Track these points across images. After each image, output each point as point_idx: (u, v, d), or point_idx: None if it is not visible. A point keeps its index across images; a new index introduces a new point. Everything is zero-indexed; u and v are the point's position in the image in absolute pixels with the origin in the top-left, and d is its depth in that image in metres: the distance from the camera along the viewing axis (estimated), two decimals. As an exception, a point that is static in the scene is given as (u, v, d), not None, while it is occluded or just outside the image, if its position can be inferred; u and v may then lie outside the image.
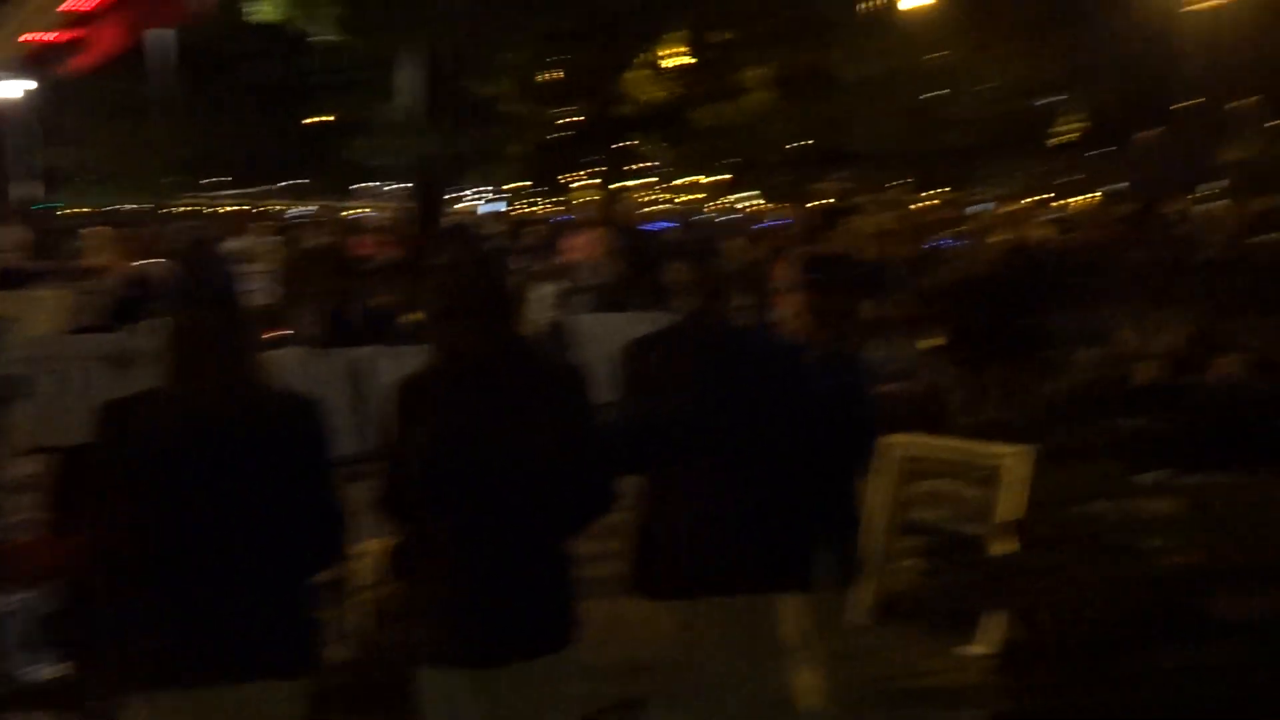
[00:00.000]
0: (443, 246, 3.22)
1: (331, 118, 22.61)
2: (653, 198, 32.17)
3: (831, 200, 15.05)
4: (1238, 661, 3.14)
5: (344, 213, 25.71)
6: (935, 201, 14.07)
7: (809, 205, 15.83)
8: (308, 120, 22.99)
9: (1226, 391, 8.72)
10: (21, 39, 16.16)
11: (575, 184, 26.91)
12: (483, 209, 30.31)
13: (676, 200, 30.59)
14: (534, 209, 32.54)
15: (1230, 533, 3.80)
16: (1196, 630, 3.28)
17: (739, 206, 29.06)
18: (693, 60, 19.25)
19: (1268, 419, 8.32)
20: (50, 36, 16.03)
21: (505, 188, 32.69)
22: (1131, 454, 8.53)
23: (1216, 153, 13.39)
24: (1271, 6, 14.02)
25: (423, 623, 3.12)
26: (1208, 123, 14.29)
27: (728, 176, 26.89)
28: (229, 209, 29.15)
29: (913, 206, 13.46)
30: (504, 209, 33.28)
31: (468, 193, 29.74)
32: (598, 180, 22.28)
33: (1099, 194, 19.51)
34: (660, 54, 19.25)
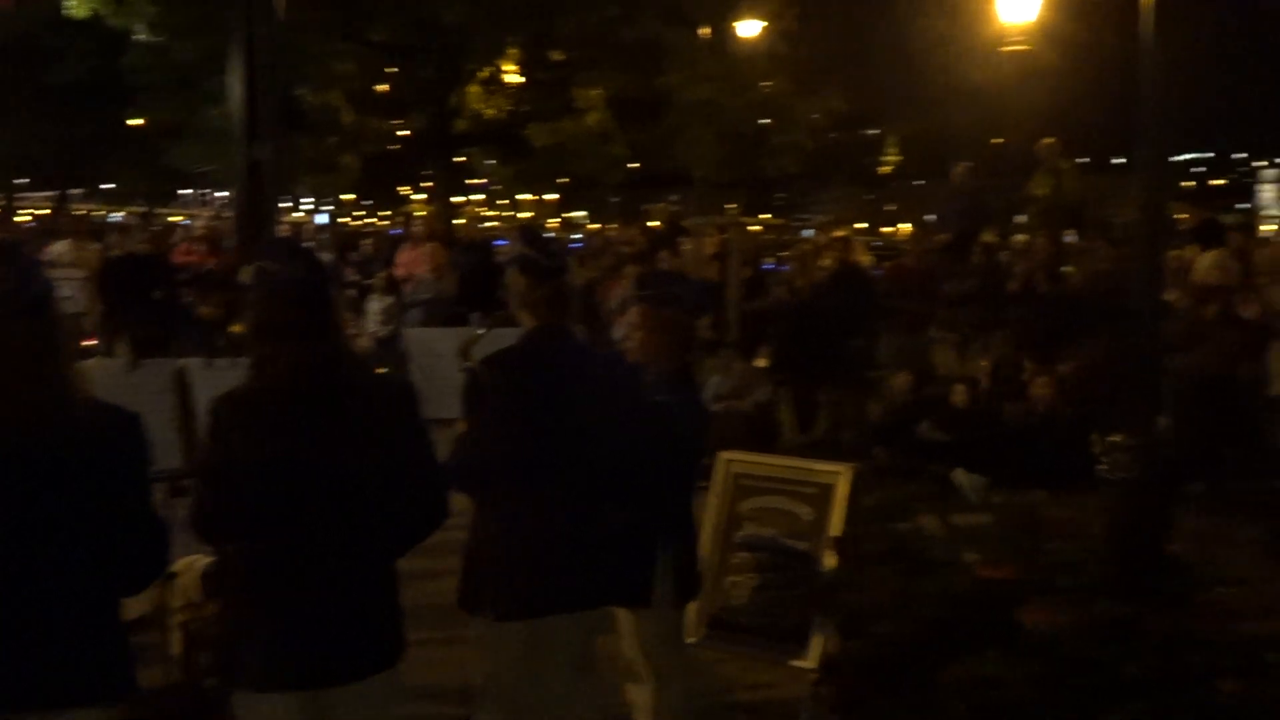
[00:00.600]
0: (265, 258, 3.07)
1: (140, 120, 21.71)
2: (492, 214, 32.00)
3: (659, 223, 15.25)
4: (1047, 671, 3.30)
5: (172, 219, 24.71)
6: (759, 228, 14.44)
7: (645, 225, 16.03)
8: (130, 122, 21.98)
9: (1035, 414, 9.23)
10: None
11: (413, 197, 26.52)
12: (317, 220, 29.59)
13: (519, 216, 30.54)
14: (368, 221, 31.93)
15: (1040, 547, 4.00)
16: (1010, 640, 3.43)
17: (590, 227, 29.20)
18: (529, 78, 19.25)
19: (1073, 439, 8.84)
20: None
21: (342, 198, 32.00)
22: (949, 471, 8.94)
23: (1024, 188, 14.14)
24: (1072, 54, 14.94)
25: (242, 645, 3.01)
26: (1018, 160, 15.09)
27: (555, 196, 27.02)
28: (41, 211, 27.65)
29: (751, 229, 13.77)
30: (337, 221, 32.58)
31: (304, 203, 29.00)
32: (425, 195, 22.01)
33: (915, 224, 20.40)
34: (498, 70, 19.20)
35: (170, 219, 24.84)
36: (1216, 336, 7.99)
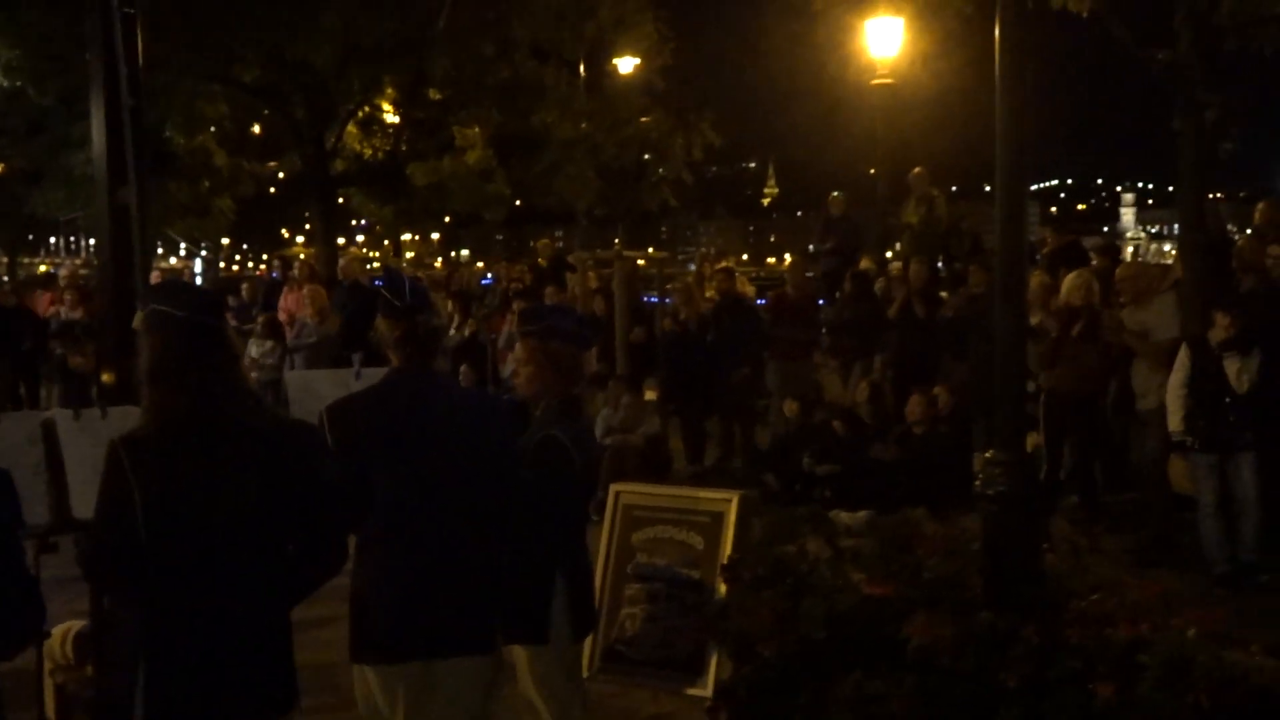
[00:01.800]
0: (159, 300, 3.01)
1: None
2: (376, 254, 31.66)
3: (542, 260, 15.30)
4: (929, 684, 3.39)
5: (42, 268, 23.85)
6: (643, 261, 14.57)
7: (533, 261, 16.05)
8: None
9: (912, 437, 9.48)
10: None
11: (298, 238, 26.04)
12: (196, 265, 28.92)
13: (408, 257, 30.26)
14: (250, 265, 31.30)
15: (921, 564, 4.11)
16: (895, 655, 3.51)
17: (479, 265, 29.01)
18: (407, 117, 19.16)
19: (950, 459, 9.10)
20: None
21: (223, 242, 31.27)
22: (835, 495, 9.12)
23: (898, 216, 14.57)
24: (939, 86, 15.46)
25: (126, 696, 2.91)
26: (891, 189, 15.55)
27: (438, 235, 26.85)
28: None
29: (640, 263, 13.90)
30: (216, 265, 31.85)
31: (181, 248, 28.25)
32: (304, 237, 21.59)
33: (796, 254, 20.80)
34: (375, 110, 19.05)
35: (40, 268, 23.98)
36: (1079, 356, 8.31)
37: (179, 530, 2.88)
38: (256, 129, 19.99)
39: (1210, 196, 10.63)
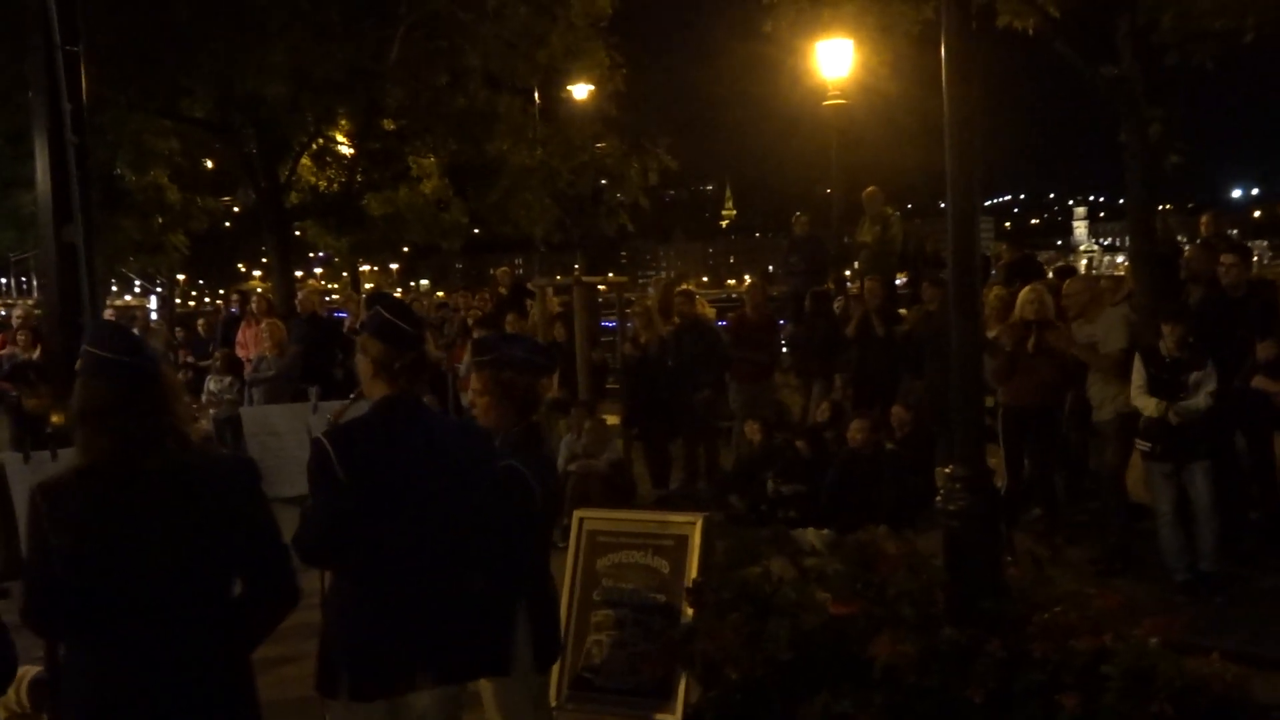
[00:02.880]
0: (89, 342, 2.98)
1: None
2: (335, 286, 31.43)
3: (502, 289, 15.26)
4: (895, 701, 3.39)
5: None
6: (604, 286, 14.58)
7: (493, 289, 15.98)
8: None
9: (870, 455, 9.51)
10: None
11: (254, 272, 25.80)
12: (152, 301, 28.59)
13: (366, 288, 30.05)
14: (206, 300, 31.00)
15: (885, 581, 4.12)
16: (861, 674, 3.51)
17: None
18: (361, 149, 19.10)
19: (911, 476, 9.15)
20: None
21: (178, 278, 30.93)
22: (798, 515, 9.14)
23: (852, 236, 14.68)
24: (891, 105, 15.67)
25: None
26: (845, 210, 15.67)
27: (397, 266, 26.71)
28: None
29: (601, 288, 13.88)
30: (172, 301, 31.51)
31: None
32: (261, 272, 21.42)
33: (755, 275, 20.91)
34: (329, 142, 18.99)
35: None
36: (1035, 369, 8.39)
37: (103, 575, 2.83)
38: (209, 163, 19.85)
39: (1159, 208, 10.81)
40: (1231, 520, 7.74)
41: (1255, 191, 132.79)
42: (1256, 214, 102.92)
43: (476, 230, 21.56)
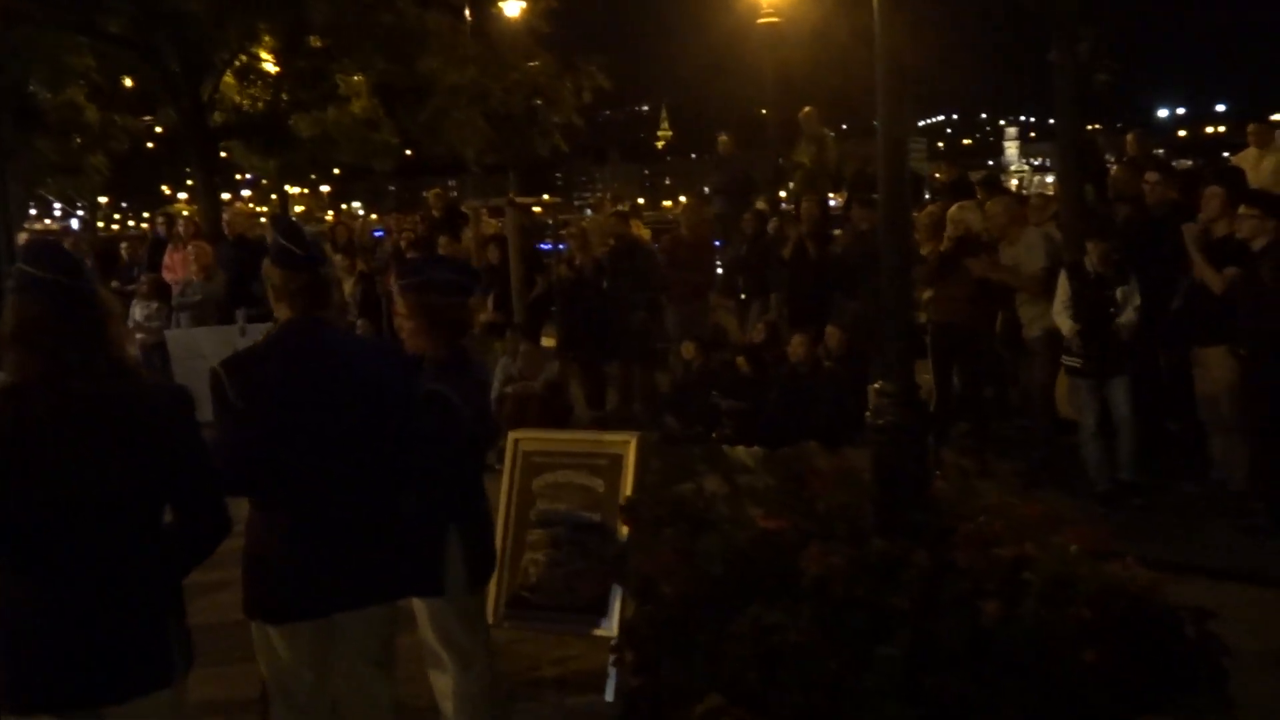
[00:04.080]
0: (22, 260, 2.91)
1: None
2: (264, 209, 30.79)
3: (435, 211, 15.04)
4: (823, 612, 3.47)
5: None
6: (539, 209, 14.42)
7: (426, 212, 15.74)
8: None
9: (805, 374, 9.62)
10: None
11: (180, 195, 25.17)
12: (73, 224, 27.83)
13: (297, 211, 29.49)
14: (131, 223, 30.26)
15: (816, 497, 4.19)
16: (791, 587, 3.58)
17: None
18: (287, 67, 18.55)
19: (845, 393, 9.27)
20: None
21: (100, 201, 30.11)
22: (736, 431, 9.24)
23: (788, 157, 14.66)
24: (824, 23, 15.54)
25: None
26: (781, 130, 15.61)
27: (328, 188, 26.24)
28: None
29: (536, 210, 13.73)
30: (94, 224, 30.68)
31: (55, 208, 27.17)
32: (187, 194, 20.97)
33: (691, 197, 20.86)
34: (254, 59, 18.41)
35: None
36: (961, 285, 8.52)
37: (27, 497, 2.78)
38: (128, 82, 19.18)
39: (1088, 128, 10.92)
40: (1150, 432, 7.98)
41: (1181, 111, 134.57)
42: (1182, 133, 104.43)
43: (409, 152, 21.17)
